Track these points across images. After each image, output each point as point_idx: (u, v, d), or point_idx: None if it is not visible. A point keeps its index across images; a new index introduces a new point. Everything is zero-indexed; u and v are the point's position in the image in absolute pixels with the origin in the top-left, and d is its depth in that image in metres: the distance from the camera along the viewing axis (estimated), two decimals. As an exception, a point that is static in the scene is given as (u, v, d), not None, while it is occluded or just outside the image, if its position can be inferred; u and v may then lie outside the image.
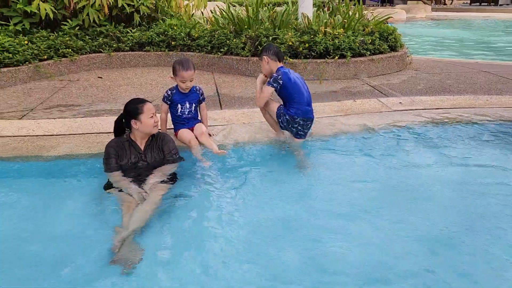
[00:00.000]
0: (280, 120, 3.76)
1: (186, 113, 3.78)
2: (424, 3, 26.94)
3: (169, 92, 3.74)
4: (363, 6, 7.96)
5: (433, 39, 13.11)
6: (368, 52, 6.32)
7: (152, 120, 3.09)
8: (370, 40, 6.38)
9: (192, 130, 3.77)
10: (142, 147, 3.20)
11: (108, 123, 4.14)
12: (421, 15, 21.77)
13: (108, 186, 3.07)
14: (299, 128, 3.74)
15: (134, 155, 3.17)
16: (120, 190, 2.97)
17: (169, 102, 3.74)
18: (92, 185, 3.18)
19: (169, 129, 3.91)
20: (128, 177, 3.09)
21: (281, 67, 3.72)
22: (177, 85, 3.73)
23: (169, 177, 3.17)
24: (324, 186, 3.24)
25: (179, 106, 3.74)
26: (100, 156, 3.26)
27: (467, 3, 29.61)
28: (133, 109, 3.07)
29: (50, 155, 3.51)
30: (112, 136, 3.32)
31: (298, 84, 3.69)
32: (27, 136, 3.89)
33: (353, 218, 2.79)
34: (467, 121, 4.34)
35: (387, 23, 7.59)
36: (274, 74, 3.66)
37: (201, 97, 3.85)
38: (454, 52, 10.29)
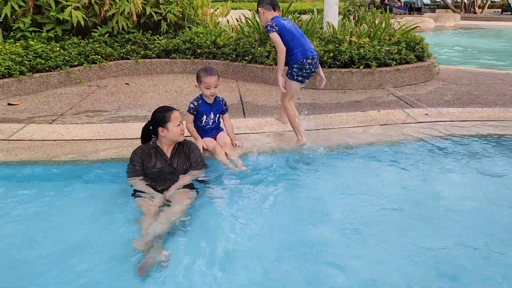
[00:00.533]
0: (294, 77, 3.94)
1: (210, 123, 3.81)
2: (453, 11, 26.49)
3: (195, 103, 3.74)
4: (390, 14, 7.89)
5: (462, 48, 12.86)
6: (394, 62, 6.25)
7: (179, 128, 3.15)
8: (396, 50, 6.32)
9: (215, 139, 3.80)
10: (168, 155, 3.25)
11: (133, 129, 4.23)
12: (450, 24, 21.40)
13: (135, 193, 3.12)
14: (311, 67, 3.94)
15: (160, 162, 3.23)
16: (141, 195, 3.02)
17: (195, 113, 3.75)
18: (116, 190, 3.25)
19: (187, 136, 3.94)
20: (153, 183, 3.14)
21: (277, 16, 3.91)
22: (201, 96, 3.75)
23: (194, 184, 3.21)
24: (345, 197, 3.21)
25: (204, 116, 3.77)
26: (125, 162, 3.33)
27: (498, 12, 28.95)
28: (160, 117, 3.12)
29: (77, 159, 3.61)
30: (137, 142, 3.39)
31: (292, 30, 3.90)
32: (57, 140, 4.01)
33: (374, 231, 2.75)
34: (496, 135, 4.23)
35: (415, 32, 7.49)
36: (269, 23, 3.87)
37: (224, 108, 3.87)
38: (484, 62, 10.06)
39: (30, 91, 5.95)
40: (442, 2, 29.94)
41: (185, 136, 3.32)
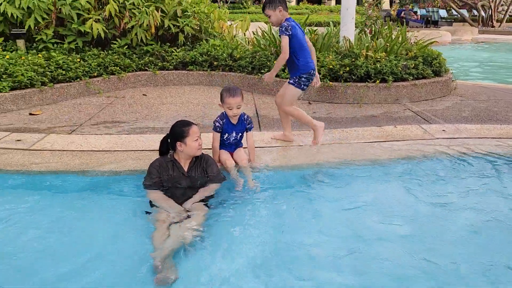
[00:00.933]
0: (301, 85, 4.17)
1: (231, 140, 3.82)
2: (471, 25, 26.30)
3: (221, 122, 3.72)
4: (407, 27, 7.88)
5: (480, 63, 12.73)
6: (411, 77, 6.23)
7: (197, 143, 3.18)
8: (413, 65, 6.29)
9: (232, 155, 3.82)
10: (185, 168, 3.28)
11: (150, 141, 4.28)
12: (467, 38, 21.21)
13: (151, 205, 3.16)
14: (313, 77, 4.21)
15: (177, 175, 3.26)
16: (156, 209, 3.05)
17: (220, 131, 3.74)
18: (132, 201, 3.29)
19: (205, 149, 3.97)
20: (170, 196, 3.17)
21: (290, 18, 4.04)
22: (225, 113, 3.75)
23: (210, 198, 3.22)
24: (358, 213, 3.19)
25: (227, 134, 3.78)
26: (142, 173, 3.38)
27: (517, 25, 28.57)
28: (179, 131, 3.16)
29: (94, 170, 3.67)
30: (154, 154, 3.44)
31: (302, 40, 4.06)
32: (75, 151, 4.08)
33: (388, 249, 2.73)
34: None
35: (431, 46, 7.45)
36: (284, 23, 3.95)
37: (247, 126, 3.86)
38: (502, 78, 9.93)
39: (50, 101, 6.08)
40: (459, 15, 29.74)
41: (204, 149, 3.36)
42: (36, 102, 5.91)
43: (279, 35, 4.03)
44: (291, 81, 4.20)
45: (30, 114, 5.49)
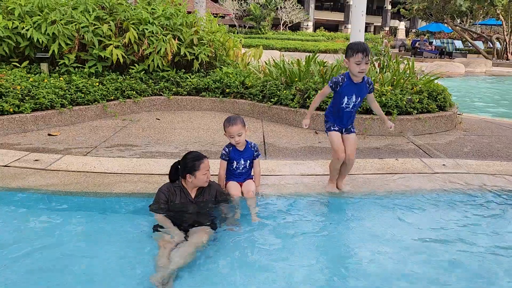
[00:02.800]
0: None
1: (241, 168, 3.95)
2: (485, 57, 26.40)
3: (227, 150, 3.90)
4: (421, 57, 8.08)
5: (491, 96, 12.82)
6: (415, 111, 6.40)
7: (205, 177, 3.39)
8: (418, 99, 6.47)
9: (241, 185, 3.96)
10: (193, 195, 3.49)
11: (160, 165, 4.51)
12: (480, 70, 21.32)
13: (156, 227, 3.36)
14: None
15: (184, 201, 3.47)
16: (161, 232, 3.25)
17: (227, 159, 3.91)
18: (139, 223, 3.49)
19: (213, 175, 4.17)
20: (176, 221, 3.35)
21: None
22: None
23: (212, 221, 3.41)
24: (350, 244, 3.34)
25: (235, 162, 3.93)
26: (151, 196, 3.59)
27: (532, 59, 28.57)
28: (190, 165, 3.36)
29: (106, 192, 3.90)
30: (162, 177, 3.66)
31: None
32: (89, 172, 4.34)
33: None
34: (510, 189, 4.27)
35: (442, 77, 7.63)
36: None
37: (255, 154, 4.00)
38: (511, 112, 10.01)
39: (69, 123, 6.40)
40: (474, 47, 29.92)
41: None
42: (55, 123, 6.24)
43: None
44: (354, 130, 4.11)
45: (49, 134, 5.81)
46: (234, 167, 3.96)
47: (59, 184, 4.01)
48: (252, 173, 4.07)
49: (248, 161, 4.00)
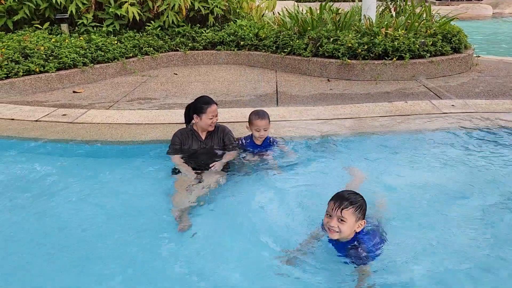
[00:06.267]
0: None
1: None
2: (516, -3, 24.95)
3: (244, 142, 3.95)
4: (447, 0, 7.87)
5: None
6: (428, 54, 6.38)
7: (210, 121, 3.63)
8: (432, 42, 6.43)
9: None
10: (203, 137, 3.78)
11: (177, 115, 4.79)
12: (510, 11, 20.28)
13: (174, 170, 3.68)
14: None
15: (196, 144, 3.77)
16: (178, 172, 3.57)
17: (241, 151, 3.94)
18: (159, 167, 3.83)
19: (229, 122, 4.40)
20: (189, 161, 3.68)
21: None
22: (251, 136, 3.92)
23: (225, 164, 3.70)
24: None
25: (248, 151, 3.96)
26: (167, 142, 3.90)
27: None
28: (199, 107, 3.64)
29: (128, 140, 4.24)
30: (179, 126, 3.95)
31: None
32: (112, 123, 4.67)
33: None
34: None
35: (469, 20, 7.48)
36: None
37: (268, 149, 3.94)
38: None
39: (91, 80, 6.73)
40: (505, -14, 28.21)
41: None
42: (79, 81, 6.57)
43: None
44: None
45: (74, 92, 6.16)
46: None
47: (86, 135, 4.37)
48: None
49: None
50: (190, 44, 8.00)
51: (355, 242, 2.47)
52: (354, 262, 2.45)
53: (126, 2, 7.48)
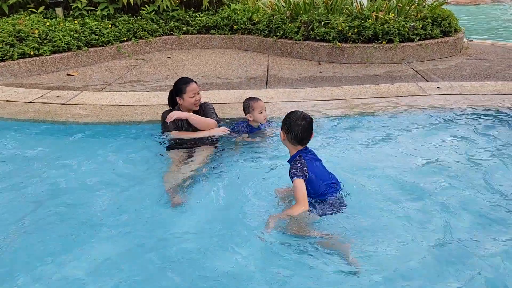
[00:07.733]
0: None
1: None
2: (516, -19, 24.78)
3: (241, 127, 3.93)
4: None
5: (512, 22, 12.37)
6: (418, 37, 6.46)
7: (193, 99, 3.72)
8: (421, 25, 6.50)
9: None
10: None
11: (167, 97, 4.90)
12: (509, -4, 20.17)
13: (168, 147, 3.80)
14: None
15: (184, 124, 3.88)
16: (171, 149, 3.70)
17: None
18: (150, 144, 3.96)
19: (220, 103, 4.51)
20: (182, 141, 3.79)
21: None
22: (246, 121, 3.92)
23: (211, 141, 3.82)
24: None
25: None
26: (158, 122, 4.01)
27: None
28: (179, 88, 3.75)
29: (119, 121, 4.36)
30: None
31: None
32: (104, 105, 4.79)
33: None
34: (498, 108, 4.46)
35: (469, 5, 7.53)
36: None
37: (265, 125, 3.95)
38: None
39: (85, 64, 6.82)
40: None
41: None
42: (73, 64, 6.67)
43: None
44: None
45: (68, 74, 6.26)
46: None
47: (78, 116, 4.49)
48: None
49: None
50: (184, 28, 8.07)
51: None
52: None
53: (120, -14, 7.53)
